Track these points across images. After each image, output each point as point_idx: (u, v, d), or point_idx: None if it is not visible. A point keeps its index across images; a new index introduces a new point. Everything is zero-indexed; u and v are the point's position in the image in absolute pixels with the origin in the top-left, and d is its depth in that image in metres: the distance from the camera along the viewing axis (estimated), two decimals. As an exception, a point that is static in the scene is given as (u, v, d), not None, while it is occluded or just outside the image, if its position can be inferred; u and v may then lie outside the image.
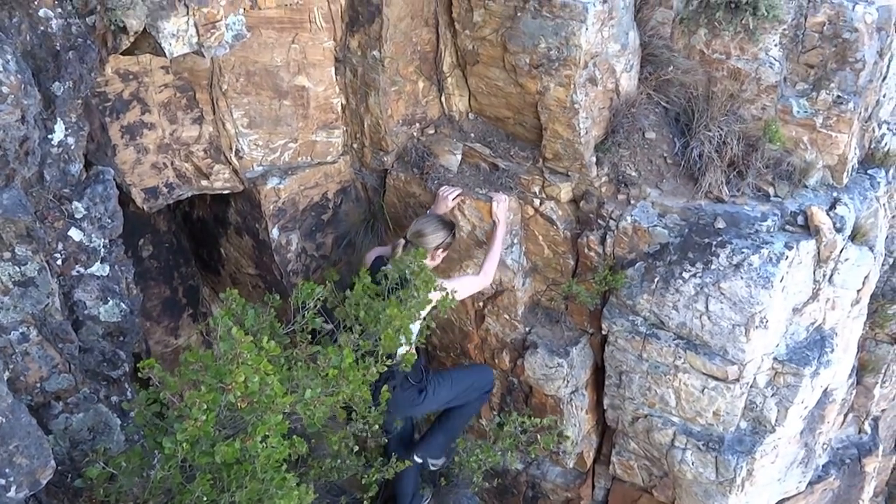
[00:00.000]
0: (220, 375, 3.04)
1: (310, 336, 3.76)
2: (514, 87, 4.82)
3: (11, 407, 2.74)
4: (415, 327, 4.25)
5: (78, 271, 3.50)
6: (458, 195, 4.92)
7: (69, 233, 3.44)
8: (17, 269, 3.17)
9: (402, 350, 4.17)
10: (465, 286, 4.71)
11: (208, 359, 3.14)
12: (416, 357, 4.28)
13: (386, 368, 3.78)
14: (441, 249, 4.66)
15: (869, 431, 6.54)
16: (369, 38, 4.72)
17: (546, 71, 4.59)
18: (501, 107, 5.01)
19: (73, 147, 3.50)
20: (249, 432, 3.05)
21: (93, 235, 3.50)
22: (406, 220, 5.23)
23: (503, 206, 4.85)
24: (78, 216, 3.48)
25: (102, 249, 3.54)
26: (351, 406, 3.88)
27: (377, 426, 4.22)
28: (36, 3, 3.24)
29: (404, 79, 4.93)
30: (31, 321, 3.25)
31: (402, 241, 4.60)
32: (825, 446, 6.00)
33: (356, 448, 4.37)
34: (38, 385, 3.37)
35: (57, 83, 3.33)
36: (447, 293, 4.25)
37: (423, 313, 4.24)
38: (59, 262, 3.42)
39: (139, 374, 3.12)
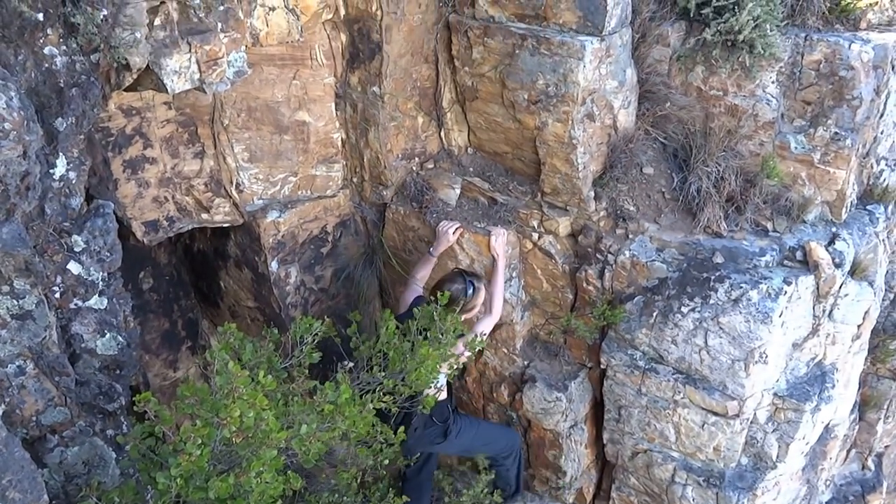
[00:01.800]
0: (215, 410, 3.04)
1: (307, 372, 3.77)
2: (512, 122, 4.86)
3: (5, 441, 2.74)
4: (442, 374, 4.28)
5: (76, 304, 3.51)
6: (457, 229, 4.94)
7: (68, 266, 3.46)
8: (15, 302, 3.19)
9: (426, 391, 4.21)
10: (484, 328, 4.76)
11: (204, 392, 3.14)
12: (437, 400, 4.32)
13: (398, 407, 3.82)
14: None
15: (872, 468, 6.47)
16: (369, 74, 4.77)
17: (544, 107, 4.63)
18: (500, 142, 5.05)
19: (74, 181, 3.53)
20: (244, 467, 3.04)
21: (91, 269, 3.51)
22: (405, 254, 5.29)
23: (502, 240, 4.87)
24: (77, 249, 3.49)
25: (101, 283, 3.55)
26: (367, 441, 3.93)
27: (387, 461, 4.25)
28: (41, 41, 3.29)
29: (404, 114, 4.97)
30: (28, 354, 3.27)
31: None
32: (828, 483, 5.95)
33: (355, 483, 4.37)
34: (34, 418, 3.38)
35: (60, 119, 3.37)
36: (476, 336, 4.31)
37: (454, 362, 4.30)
38: (57, 295, 3.43)
39: (135, 408, 3.12)
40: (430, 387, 4.08)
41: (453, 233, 4.93)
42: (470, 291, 4.58)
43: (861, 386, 5.89)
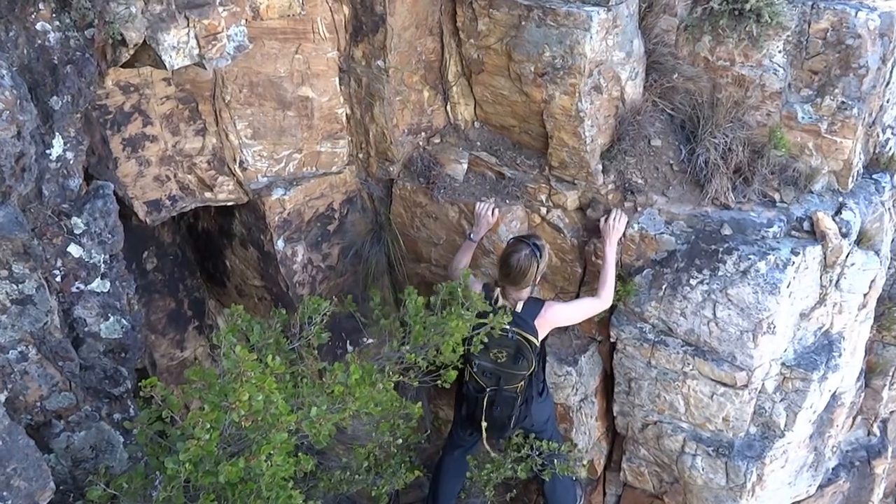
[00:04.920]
0: (223, 393, 3.01)
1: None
2: (519, 95, 4.80)
3: (8, 429, 2.72)
4: None
5: (78, 288, 3.46)
6: (494, 208, 4.85)
7: (68, 249, 3.40)
8: (15, 287, 3.13)
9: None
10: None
11: (212, 376, 3.11)
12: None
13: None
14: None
15: (878, 433, 6.50)
16: (373, 47, 4.70)
17: (551, 79, 4.57)
18: (507, 115, 4.99)
19: (72, 162, 3.46)
20: (254, 451, 3.01)
21: (93, 251, 3.46)
22: (413, 231, 5.25)
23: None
24: (77, 232, 3.43)
25: (103, 265, 3.50)
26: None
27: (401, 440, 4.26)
28: (33, 16, 3.22)
29: (409, 88, 4.90)
30: (30, 340, 3.22)
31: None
32: (834, 449, 5.97)
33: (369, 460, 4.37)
34: (39, 404, 3.34)
35: (55, 97, 3.31)
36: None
37: None
38: (58, 278, 3.38)
39: (141, 392, 3.09)
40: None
41: (493, 213, 4.85)
42: (539, 255, 4.47)
43: (867, 353, 5.88)
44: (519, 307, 4.48)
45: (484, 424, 4.60)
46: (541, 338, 4.54)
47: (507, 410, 4.58)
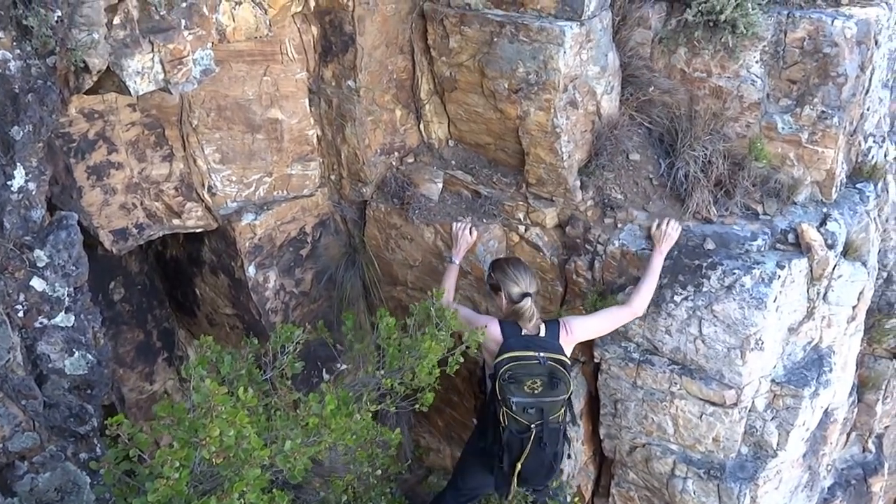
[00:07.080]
0: (193, 429, 2.90)
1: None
2: (493, 112, 4.75)
3: (-33, 474, 2.61)
4: None
5: (41, 322, 3.38)
6: (472, 228, 4.79)
7: (31, 282, 3.32)
8: (-26, 324, 3.05)
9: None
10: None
11: (181, 412, 3.00)
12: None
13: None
14: None
15: (873, 450, 6.44)
16: (343, 67, 4.66)
17: (525, 96, 4.53)
18: (482, 133, 4.95)
19: (34, 193, 3.39)
20: (227, 489, 2.91)
21: (56, 284, 3.38)
22: (388, 253, 5.17)
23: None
24: (40, 265, 3.36)
25: (67, 299, 3.43)
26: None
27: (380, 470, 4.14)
28: (-8, 45, 3.15)
29: (381, 108, 4.86)
30: (-9, 378, 3.12)
31: (528, 299, 4.30)
32: (829, 468, 5.91)
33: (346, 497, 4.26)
34: (1, 445, 3.24)
35: (16, 127, 3.24)
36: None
37: None
38: (20, 313, 3.30)
39: (107, 431, 2.98)
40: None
41: (471, 232, 4.77)
42: None
43: (858, 367, 5.84)
44: (542, 331, 4.31)
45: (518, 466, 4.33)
46: (568, 356, 4.38)
47: (553, 446, 4.31)
